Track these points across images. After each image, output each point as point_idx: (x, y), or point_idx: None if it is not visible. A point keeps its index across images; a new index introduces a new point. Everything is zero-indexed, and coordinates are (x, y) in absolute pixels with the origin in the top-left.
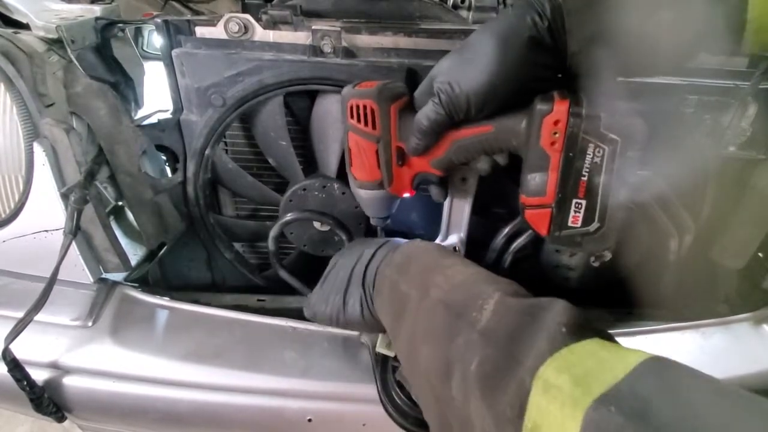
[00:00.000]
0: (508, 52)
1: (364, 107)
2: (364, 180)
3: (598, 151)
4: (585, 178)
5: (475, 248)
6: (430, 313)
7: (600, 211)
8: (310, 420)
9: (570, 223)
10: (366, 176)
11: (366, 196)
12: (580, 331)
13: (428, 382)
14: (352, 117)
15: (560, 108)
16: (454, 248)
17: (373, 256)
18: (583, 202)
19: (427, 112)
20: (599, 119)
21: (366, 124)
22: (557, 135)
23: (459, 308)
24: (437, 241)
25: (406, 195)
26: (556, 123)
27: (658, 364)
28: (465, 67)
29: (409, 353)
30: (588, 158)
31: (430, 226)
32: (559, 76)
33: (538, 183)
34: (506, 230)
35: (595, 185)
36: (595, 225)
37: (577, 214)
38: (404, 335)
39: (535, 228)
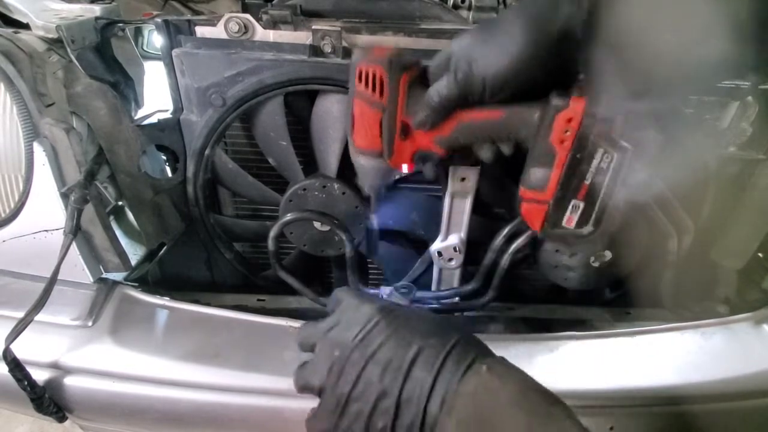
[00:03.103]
0: (539, 39)
1: (374, 73)
2: (363, 148)
3: (607, 157)
4: (588, 182)
5: (475, 248)
6: None
7: (596, 217)
8: None
9: (564, 224)
10: (366, 144)
11: (364, 164)
12: None
13: None
14: (359, 81)
15: (576, 106)
16: (455, 248)
17: (432, 389)
18: (582, 204)
19: (440, 88)
20: (613, 124)
21: (373, 90)
22: (568, 133)
23: None
24: (437, 241)
25: (405, 169)
26: (569, 121)
27: None
28: (488, 47)
29: None
30: (595, 162)
31: (430, 227)
32: (580, 76)
33: (540, 178)
34: (506, 230)
35: (597, 190)
36: (588, 229)
37: (573, 215)
38: None
39: (528, 222)
